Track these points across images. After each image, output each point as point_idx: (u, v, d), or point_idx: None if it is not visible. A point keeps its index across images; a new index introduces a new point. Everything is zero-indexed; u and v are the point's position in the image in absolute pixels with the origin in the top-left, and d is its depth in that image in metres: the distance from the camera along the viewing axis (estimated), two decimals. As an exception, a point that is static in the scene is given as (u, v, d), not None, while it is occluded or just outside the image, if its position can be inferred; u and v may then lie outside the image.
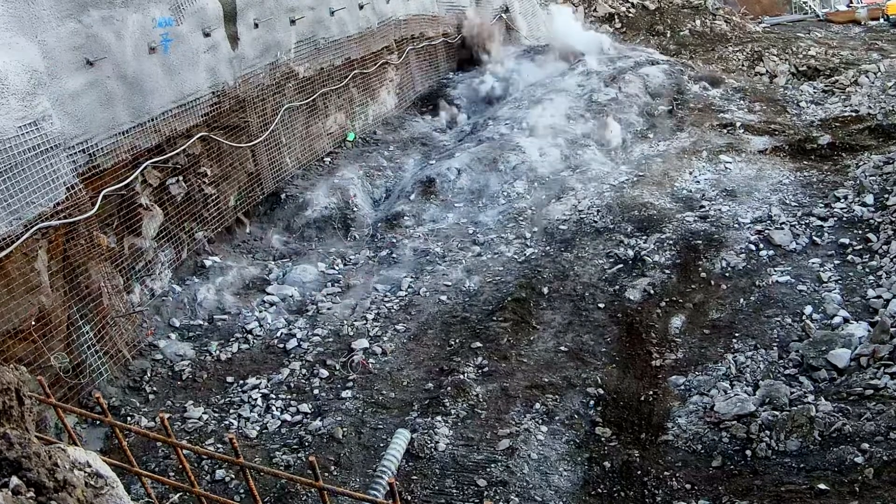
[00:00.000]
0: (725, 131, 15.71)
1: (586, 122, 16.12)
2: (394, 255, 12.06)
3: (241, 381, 8.98)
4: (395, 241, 12.48)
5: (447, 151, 15.66)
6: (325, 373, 9.07)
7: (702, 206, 12.26)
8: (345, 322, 10.11)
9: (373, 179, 14.54)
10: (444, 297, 10.57)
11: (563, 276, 10.71)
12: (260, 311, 10.30)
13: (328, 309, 10.47)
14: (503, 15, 21.82)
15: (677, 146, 15.23)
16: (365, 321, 10.13)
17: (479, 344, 9.31)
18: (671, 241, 11.17)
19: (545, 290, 10.37)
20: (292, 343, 9.68)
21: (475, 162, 14.57)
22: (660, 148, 15.37)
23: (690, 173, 13.71)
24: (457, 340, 9.51)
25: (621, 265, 10.80)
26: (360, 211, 13.31)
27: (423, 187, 13.95)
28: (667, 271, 10.51)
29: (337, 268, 11.82)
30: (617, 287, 10.28)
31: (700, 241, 11.11)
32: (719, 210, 12.04)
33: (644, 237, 11.41)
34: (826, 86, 18.78)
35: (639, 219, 11.90)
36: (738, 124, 15.86)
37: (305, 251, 12.16)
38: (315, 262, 11.81)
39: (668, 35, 25.18)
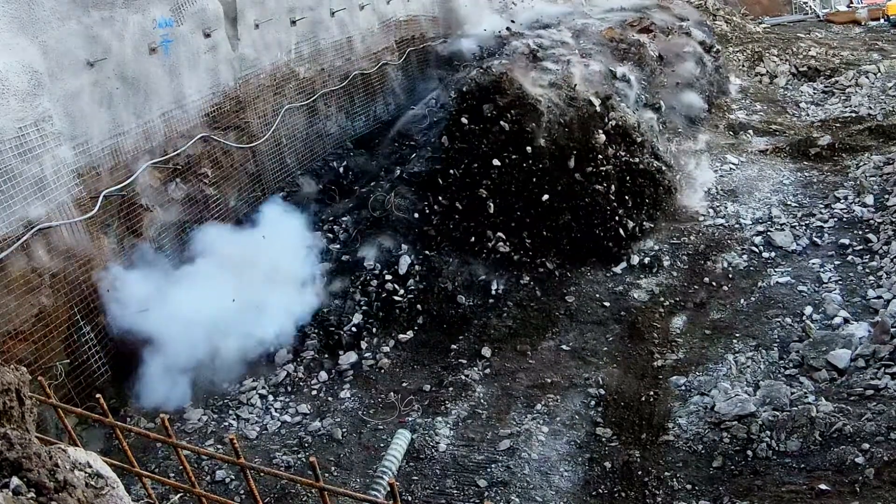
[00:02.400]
0: (733, 132, 15.68)
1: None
2: (385, 215, 10.92)
3: (239, 384, 8.98)
4: (381, 193, 11.30)
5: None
6: (324, 375, 9.08)
7: (712, 205, 12.26)
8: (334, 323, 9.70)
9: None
10: (461, 299, 9.82)
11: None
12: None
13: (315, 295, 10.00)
14: None
15: (704, 138, 14.90)
16: (354, 327, 9.59)
17: (486, 349, 9.28)
18: (687, 241, 11.20)
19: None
20: (282, 354, 9.43)
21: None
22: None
23: (703, 168, 13.63)
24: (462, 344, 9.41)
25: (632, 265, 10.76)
26: (352, 176, 12.90)
27: (399, 132, 13.42)
28: (675, 273, 10.52)
29: (326, 239, 11.11)
30: (622, 287, 10.29)
31: (706, 241, 11.14)
32: (725, 210, 12.08)
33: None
34: (826, 86, 18.78)
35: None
36: (750, 131, 15.77)
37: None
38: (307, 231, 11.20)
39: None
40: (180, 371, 8.61)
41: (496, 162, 9.41)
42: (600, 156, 9.63)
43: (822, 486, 6.40)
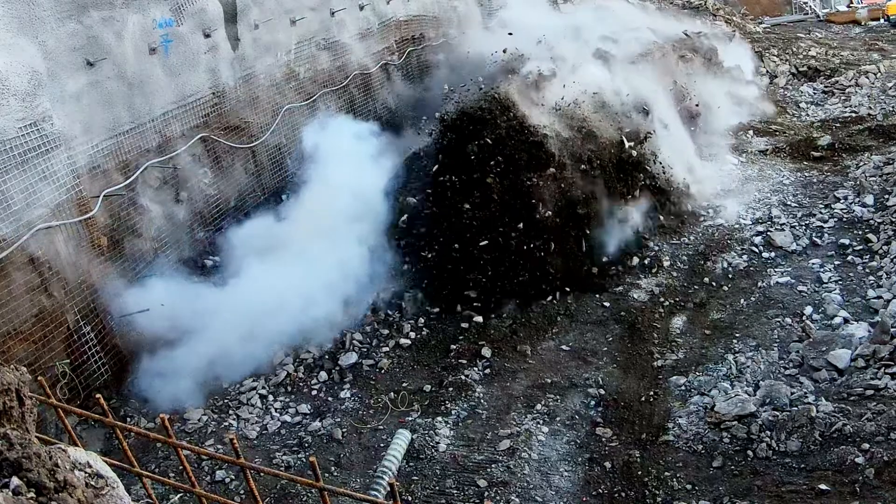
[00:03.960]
0: (733, 132, 15.67)
1: None
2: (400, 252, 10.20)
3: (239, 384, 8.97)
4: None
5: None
6: (323, 375, 9.07)
7: (714, 206, 12.25)
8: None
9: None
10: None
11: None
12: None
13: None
14: None
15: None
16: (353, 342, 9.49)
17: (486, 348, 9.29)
18: (687, 241, 11.18)
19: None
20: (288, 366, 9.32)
21: None
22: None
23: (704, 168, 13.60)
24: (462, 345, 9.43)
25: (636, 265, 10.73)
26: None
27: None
28: (675, 273, 10.52)
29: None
30: (622, 287, 10.27)
31: (706, 241, 11.13)
32: (725, 210, 12.08)
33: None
34: (826, 86, 18.78)
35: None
36: (750, 131, 15.76)
37: None
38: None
39: (669, 36, 25.10)
40: (181, 371, 8.60)
41: (484, 242, 6.73)
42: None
43: (822, 486, 6.40)
